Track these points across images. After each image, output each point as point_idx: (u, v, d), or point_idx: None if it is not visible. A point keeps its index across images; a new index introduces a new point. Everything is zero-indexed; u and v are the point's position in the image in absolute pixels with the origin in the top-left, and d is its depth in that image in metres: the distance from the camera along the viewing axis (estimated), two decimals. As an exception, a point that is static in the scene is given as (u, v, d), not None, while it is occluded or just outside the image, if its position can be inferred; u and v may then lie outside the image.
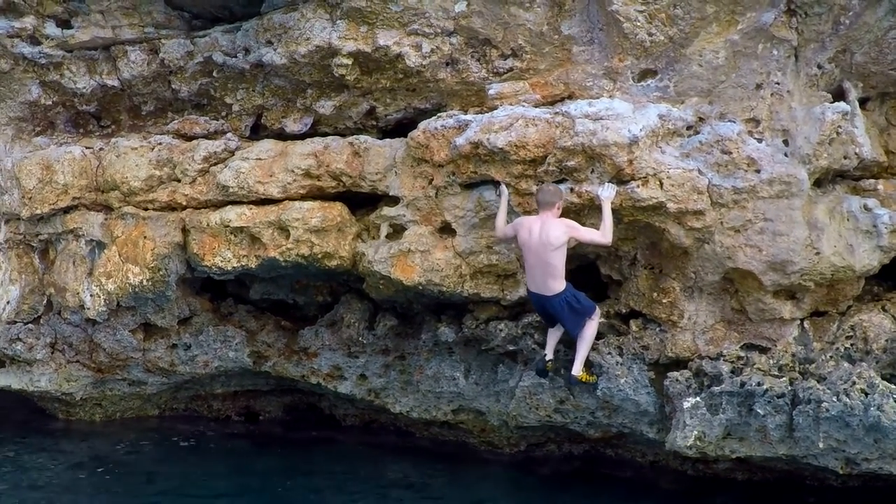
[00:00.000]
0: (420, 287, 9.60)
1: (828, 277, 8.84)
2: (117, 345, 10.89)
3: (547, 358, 9.40)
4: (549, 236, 8.51)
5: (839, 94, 8.95)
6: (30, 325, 11.04)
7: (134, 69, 10.38)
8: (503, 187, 9.02)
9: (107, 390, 11.52)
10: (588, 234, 8.60)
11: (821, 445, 8.59)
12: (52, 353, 11.15)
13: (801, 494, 9.53)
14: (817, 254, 8.68)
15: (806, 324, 9.23)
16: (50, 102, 10.85)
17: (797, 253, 8.66)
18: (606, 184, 8.67)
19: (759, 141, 8.70)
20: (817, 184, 8.89)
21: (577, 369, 9.21)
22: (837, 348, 9.03)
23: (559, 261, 8.61)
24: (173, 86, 10.47)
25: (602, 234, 8.55)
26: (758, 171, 8.60)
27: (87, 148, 10.72)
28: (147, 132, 10.80)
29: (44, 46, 10.34)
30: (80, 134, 11.09)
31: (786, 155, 8.65)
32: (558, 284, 8.73)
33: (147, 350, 10.97)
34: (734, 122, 8.75)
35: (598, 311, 9.19)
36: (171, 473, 10.48)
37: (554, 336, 9.38)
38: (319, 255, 9.78)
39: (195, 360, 11.02)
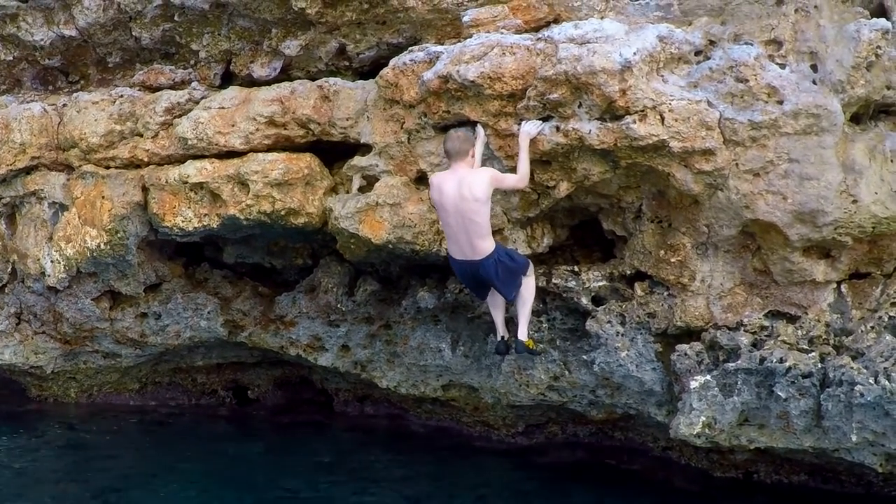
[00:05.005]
0: (390, 245, 7.68)
1: (868, 231, 6.72)
2: (80, 314, 9.13)
3: (502, 337, 7.53)
4: (472, 190, 6.67)
5: (880, 15, 6.75)
6: (-7, 295, 9.45)
7: (89, 16, 8.62)
8: (479, 128, 7.08)
9: (80, 363, 9.79)
10: (510, 181, 6.90)
11: (854, 438, 6.49)
12: (18, 323, 9.48)
13: (836, 500, 7.44)
14: (854, 202, 6.59)
15: (843, 287, 7.09)
16: (11, 58, 9.24)
17: (829, 201, 6.58)
18: (533, 119, 6.86)
19: (782, 66, 6.64)
20: (855, 119, 6.78)
21: (523, 334, 7.27)
22: (880, 317, 6.89)
23: (484, 217, 6.77)
24: (134, 33, 8.68)
25: (518, 178, 6.85)
26: (780, 102, 6.54)
27: (50, 105, 9.00)
28: (115, 86, 9.06)
29: (-5, -3, 8.75)
30: (48, 91, 9.40)
31: (814, 82, 6.57)
32: (487, 244, 6.85)
33: (115, 320, 9.19)
34: (751, 44, 6.69)
35: (531, 266, 7.23)
36: (147, 454, 8.99)
37: (498, 310, 7.51)
38: (283, 212, 7.93)
39: (166, 331, 9.22)
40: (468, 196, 6.67)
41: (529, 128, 6.85)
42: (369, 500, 7.88)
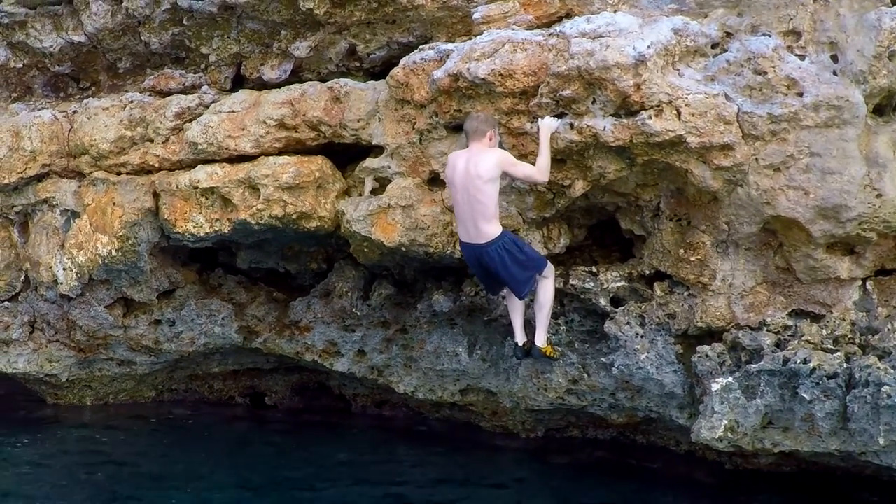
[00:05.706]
0: (403, 248, 7.52)
1: (893, 225, 6.48)
2: (93, 322, 9.02)
3: (519, 343, 7.29)
4: (477, 167, 6.55)
5: (902, 1, 6.57)
6: (6, 304, 9.28)
7: (97, 21, 8.54)
8: (491, 127, 6.95)
9: (95, 371, 9.67)
10: (524, 169, 6.68)
11: (881, 441, 6.21)
12: (32, 332, 9.37)
13: (859, 493, 7.18)
14: (879, 196, 6.35)
15: (869, 285, 6.81)
16: (21, 65, 9.21)
17: (853, 195, 6.33)
18: (548, 117, 6.68)
19: (801, 57, 6.40)
20: (878, 111, 6.51)
21: (542, 340, 7.14)
22: (907, 315, 6.64)
23: (489, 198, 6.59)
24: (144, 38, 8.58)
25: (538, 169, 6.60)
26: (800, 95, 6.30)
27: (60, 112, 8.93)
28: (126, 92, 8.98)
29: (4, 4, 8.74)
30: (59, 98, 9.34)
31: (834, 73, 6.33)
32: (492, 228, 6.67)
33: (128, 327, 9.08)
34: (769, 35, 6.46)
35: (550, 266, 7.04)
36: (163, 462, 8.67)
37: (517, 313, 7.26)
38: (294, 216, 7.80)
39: (180, 337, 9.11)
40: (473, 173, 6.56)
41: (550, 121, 6.67)
42: (385, 495, 7.71)
